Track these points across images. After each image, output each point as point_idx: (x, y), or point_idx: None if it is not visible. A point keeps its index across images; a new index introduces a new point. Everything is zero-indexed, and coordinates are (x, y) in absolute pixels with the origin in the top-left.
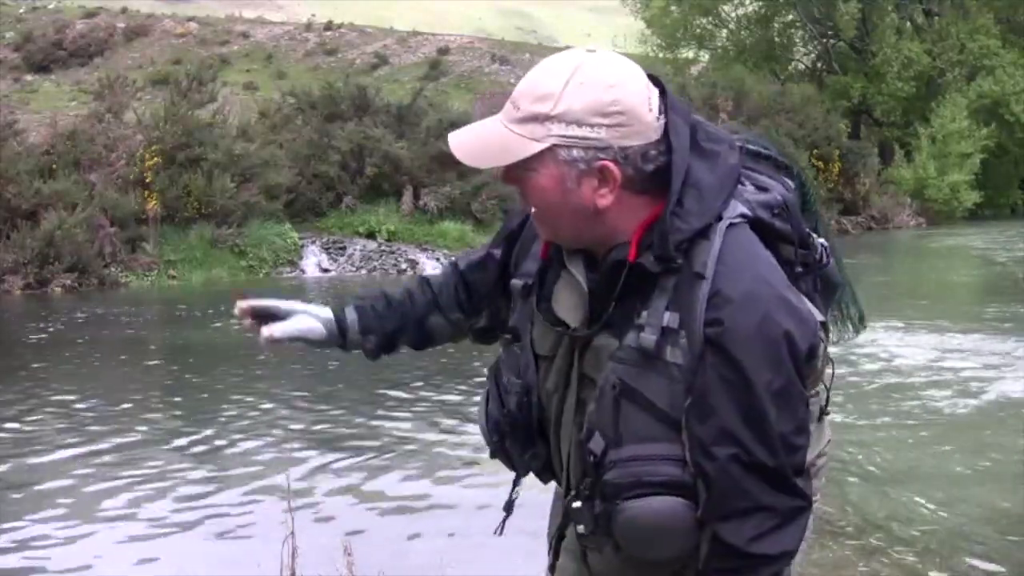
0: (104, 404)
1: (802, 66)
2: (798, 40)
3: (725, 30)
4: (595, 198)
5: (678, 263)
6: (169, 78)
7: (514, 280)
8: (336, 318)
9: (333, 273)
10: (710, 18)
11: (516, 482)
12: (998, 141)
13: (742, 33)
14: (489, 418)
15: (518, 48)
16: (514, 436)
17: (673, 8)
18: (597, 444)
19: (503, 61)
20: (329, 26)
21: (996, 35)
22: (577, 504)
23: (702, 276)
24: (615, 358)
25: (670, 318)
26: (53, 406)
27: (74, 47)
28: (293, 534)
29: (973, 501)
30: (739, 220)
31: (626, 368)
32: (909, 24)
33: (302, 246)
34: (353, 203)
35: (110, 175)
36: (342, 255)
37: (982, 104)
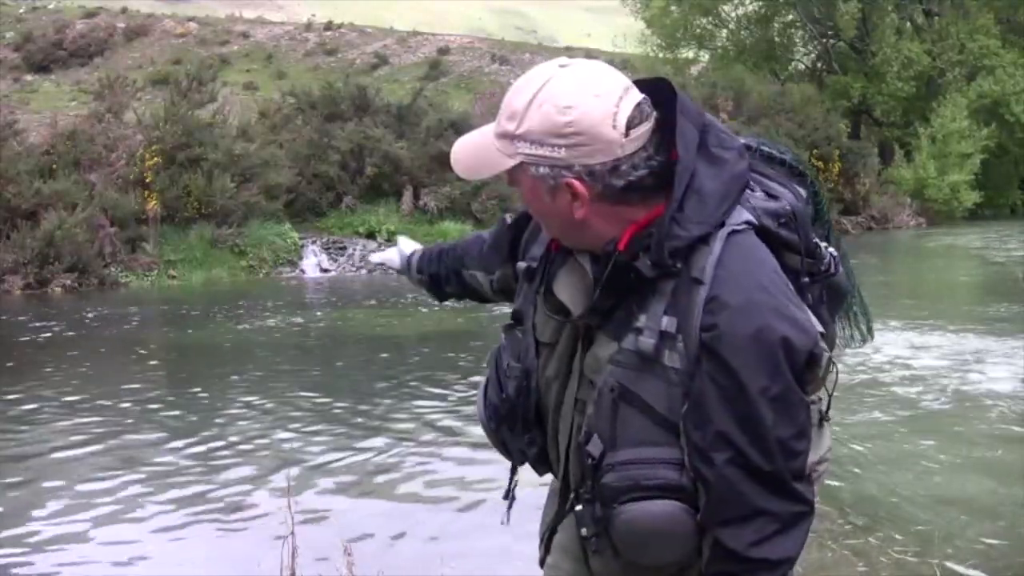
0: (103, 404)
1: (802, 66)
2: (798, 40)
3: (725, 30)
4: (571, 210)
5: (676, 268)
6: (169, 78)
7: (520, 263)
8: (411, 253)
9: (333, 273)
10: (710, 18)
11: (513, 471)
12: (998, 141)
13: (742, 33)
14: (487, 403)
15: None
16: (511, 422)
17: (673, 8)
18: (595, 447)
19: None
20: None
21: (996, 35)
22: (579, 507)
23: (700, 281)
24: (613, 361)
25: (668, 322)
26: (52, 406)
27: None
28: (293, 534)
29: (973, 500)
30: (743, 227)
31: (624, 371)
32: (909, 24)
33: (302, 246)
34: (353, 203)
35: (110, 175)
36: (342, 255)
37: (982, 104)
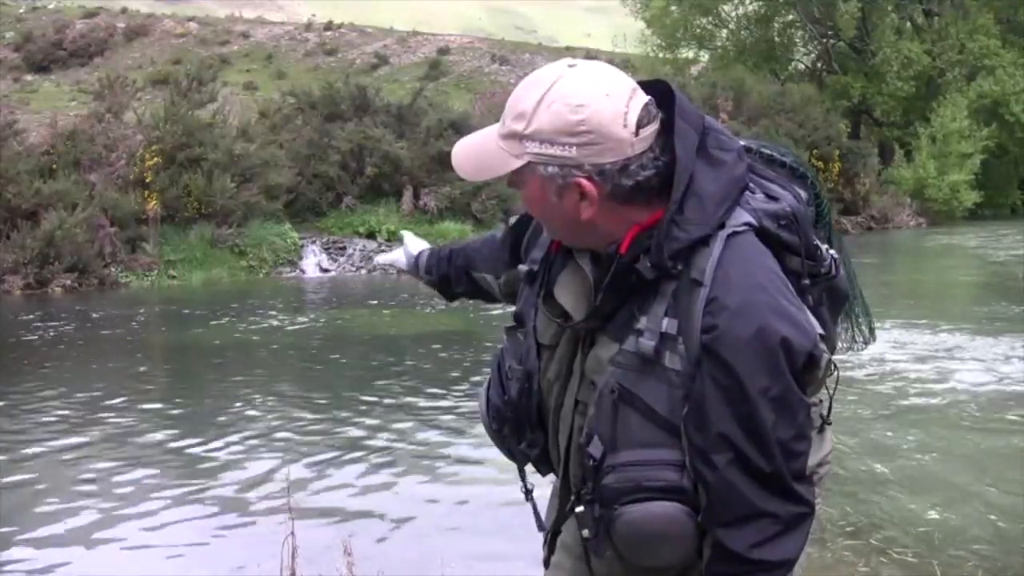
0: (103, 403)
1: (802, 66)
2: (798, 40)
3: (725, 30)
4: (578, 210)
5: (677, 270)
6: (169, 78)
7: (521, 266)
8: (418, 254)
9: (333, 273)
10: (710, 18)
11: (522, 474)
12: (998, 141)
13: (742, 33)
14: (490, 404)
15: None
16: (513, 423)
17: (673, 8)
18: (596, 448)
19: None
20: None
21: (996, 35)
22: (580, 508)
23: (700, 283)
24: (614, 362)
25: (669, 324)
26: (52, 405)
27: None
28: (293, 534)
29: (973, 500)
30: (743, 228)
31: (625, 373)
32: (909, 24)
33: (302, 246)
34: (353, 203)
35: (110, 175)
36: (342, 255)
37: (982, 104)
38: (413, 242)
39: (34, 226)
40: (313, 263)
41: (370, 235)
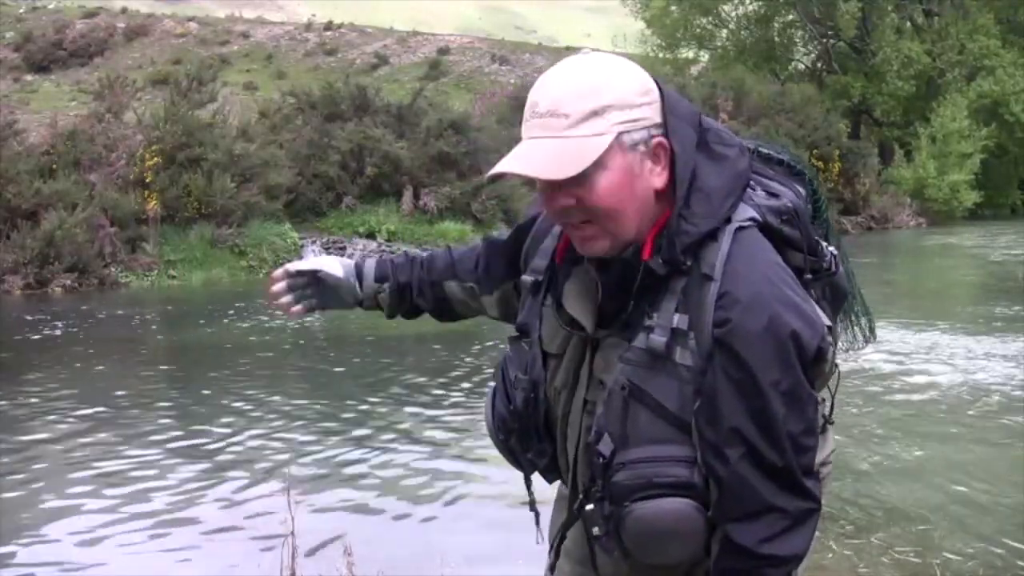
0: (103, 403)
1: (802, 66)
2: (798, 40)
3: (725, 30)
4: (654, 180)
5: (687, 265)
6: (169, 78)
7: (524, 276)
8: (355, 264)
9: None
10: (710, 18)
11: (528, 483)
12: (998, 141)
13: (742, 33)
14: (496, 415)
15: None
16: (520, 433)
17: (673, 8)
18: (606, 446)
19: (503, 61)
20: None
21: (996, 35)
22: (589, 506)
23: (711, 278)
24: (624, 360)
25: (679, 319)
26: (52, 405)
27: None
28: (293, 534)
29: (973, 500)
30: (748, 224)
31: (635, 369)
32: (909, 24)
33: (302, 246)
34: (353, 203)
35: (110, 175)
36: (342, 255)
37: (982, 104)
38: (329, 259)
39: (34, 226)
40: None
41: (370, 235)
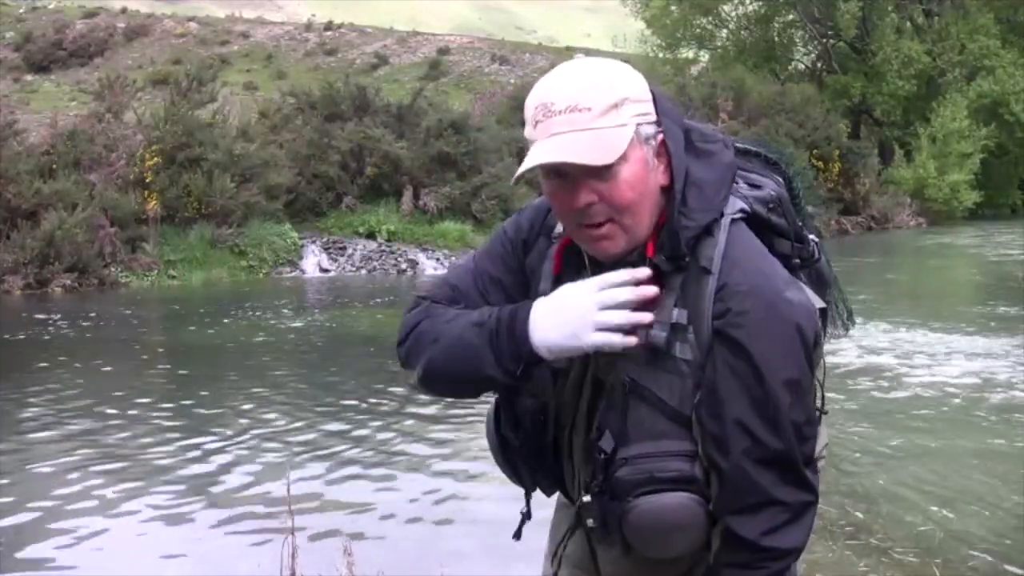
0: (103, 404)
1: (802, 66)
2: (798, 40)
3: (725, 30)
4: (660, 176)
5: (685, 261)
6: (169, 78)
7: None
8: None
9: (333, 273)
10: (710, 18)
11: (528, 496)
12: (998, 141)
13: (742, 33)
14: (502, 437)
15: (518, 48)
16: (528, 455)
17: (673, 8)
18: (607, 442)
19: (503, 61)
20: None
21: (996, 35)
22: (587, 498)
23: (708, 271)
24: (624, 357)
25: (679, 315)
26: (51, 405)
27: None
28: (293, 534)
29: (973, 500)
30: (739, 216)
31: (635, 366)
32: (909, 24)
33: (302, 246)
34: (353, 203)
35: (110, 175)
36: (342, 255)
37: (982, 104)
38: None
39: (34, 226)
40: (313, 263)
41: (370, 235)
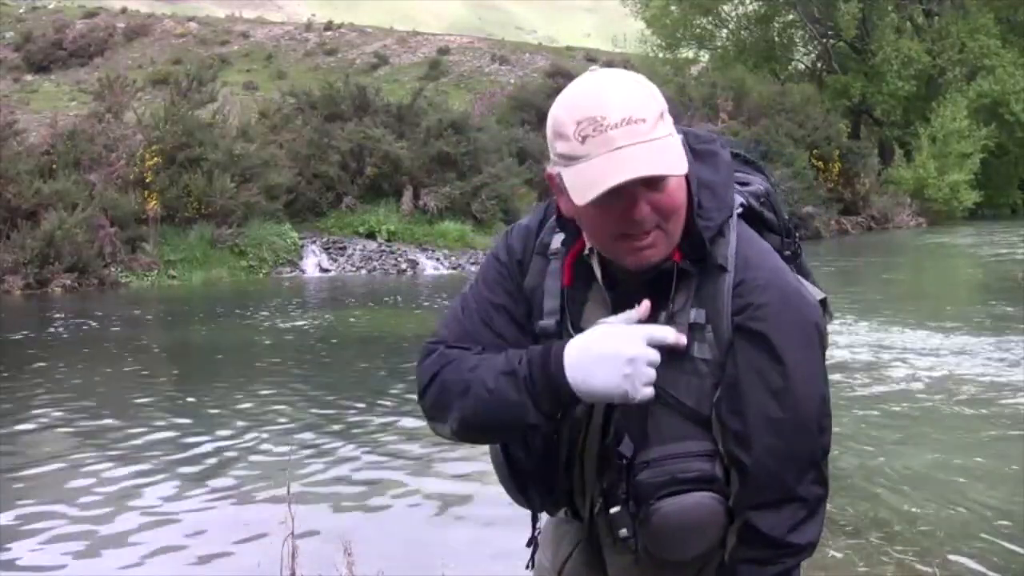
0: (103, 404)
1: (802, 66)
2: (798, 40)
3: (725, 30)
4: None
5: (703, 261)
6: (169, 78)
7: (542, 322)
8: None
9: (333, 273)
10: (710, 18)
11: (535, 520)
12: (998, 141)
13: (742, 33)
14: (511, 461)
15: (518, 48)
16: (540, 478)
17: (673, 8)
18: (627, 447)
19: (503, 61)
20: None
21: (996, 35)
22: (615, 509)
23: (724, 268)
24: None
25: (696, 314)
26: (51, 406)
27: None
28: (293, 534)
29: (973, 500)
30: (740, 211)
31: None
32: (909, 23)
33: (302, 246)
34: (353, 203)
35: (110, 175)
36: (342, 255)
37: (982, 104)
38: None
39: (34, 226)
40: (313, 263)
41: (370, 235)
